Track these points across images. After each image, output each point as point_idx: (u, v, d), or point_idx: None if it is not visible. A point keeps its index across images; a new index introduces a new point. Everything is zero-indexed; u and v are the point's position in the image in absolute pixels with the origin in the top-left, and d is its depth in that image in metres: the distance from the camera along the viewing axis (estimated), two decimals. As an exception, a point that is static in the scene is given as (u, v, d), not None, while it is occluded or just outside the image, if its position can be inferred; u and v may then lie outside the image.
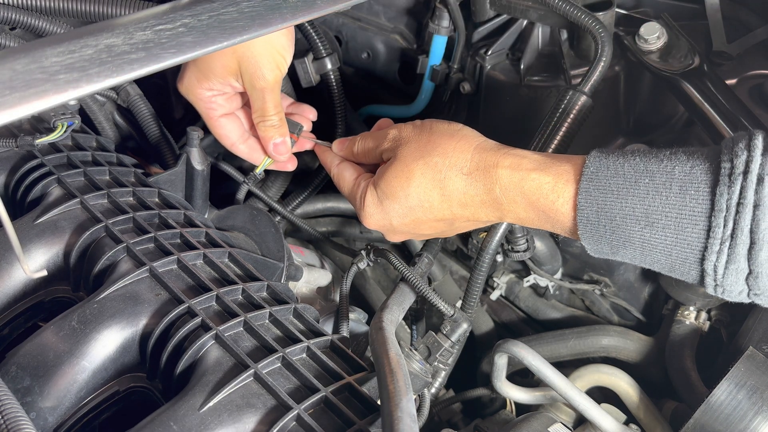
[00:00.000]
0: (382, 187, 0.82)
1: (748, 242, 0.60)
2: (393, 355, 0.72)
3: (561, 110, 0.96)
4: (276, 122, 0.93)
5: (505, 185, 0.73)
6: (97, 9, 0.96)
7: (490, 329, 1.33)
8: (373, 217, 0.84)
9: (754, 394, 0.87)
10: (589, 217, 0.68)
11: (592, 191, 0.67)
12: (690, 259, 0.64)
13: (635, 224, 0.65)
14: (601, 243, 0.69)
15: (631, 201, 0.65)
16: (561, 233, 0.74)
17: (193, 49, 0.57)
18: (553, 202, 0.70)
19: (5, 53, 0.52)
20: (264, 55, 0.88)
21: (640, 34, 1.02)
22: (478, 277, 0.97)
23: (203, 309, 0.77)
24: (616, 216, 0.66)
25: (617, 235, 0.67)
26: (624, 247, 0.67)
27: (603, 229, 0.67)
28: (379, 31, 1.29)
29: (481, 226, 0.82)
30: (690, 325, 1.11)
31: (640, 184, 0.65)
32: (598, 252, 0.71)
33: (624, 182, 0.66)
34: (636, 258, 0.68)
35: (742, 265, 0.60)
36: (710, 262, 0.62)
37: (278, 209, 1.19)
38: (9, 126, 0.96)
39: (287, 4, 0.64)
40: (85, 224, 0.85)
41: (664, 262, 0.66)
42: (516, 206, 0.74)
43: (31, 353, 0.72)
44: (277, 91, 0.91)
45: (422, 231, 0.84)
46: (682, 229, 0.63)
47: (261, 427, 0.67)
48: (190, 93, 0.94)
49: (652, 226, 0.64)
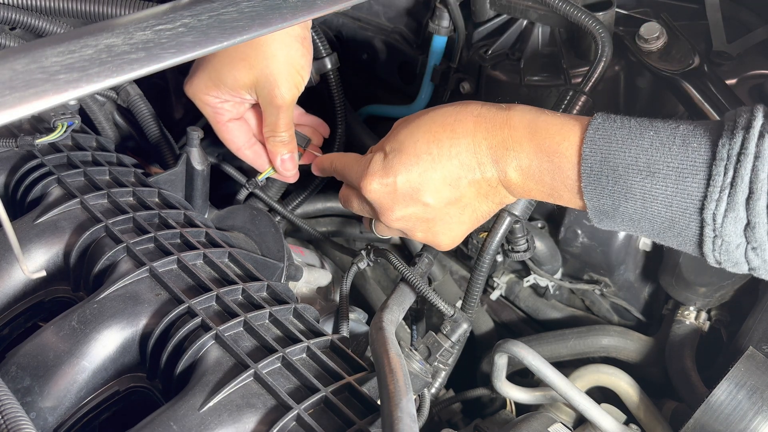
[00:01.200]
0: (390, 143, 0.79)
1: (747, 191, 0.61)
2: (393, 355, 0.72)
3: (561, 110, 0.96)
4: (286, 138, 0.93)
5: (515, 124, 0.73)
6: (97, 9, 0.96)
7: (490, 329, 1.33)
8: (375, 177, 0.78)
9: (754, 394, 0.87)
10: (593, 167, 0.68)
11: (597, 140, 0.68)
12: (690, 209, 0.64)
13: (637, 174, 0.66)
14: (603, 196, 0.69)
15: (634, 151, 0.66)
16: (561, 189, 0.72)
17: (193, 49, 0.57)
18: (559, 143, 0.70)
19: (5, 53, 0.52)
20: (283, 74, 0.87)
21: (640, 34, 1.02)
22: (478, 278, 0.97)
23: (203, 309, 0.77)
24: (619, 166, 0.67)
25: (619, 186, 0.67)
26: (626, 200, 0.68)
27: (606, 179, 0.68)
28: (379, 31, 1.29)
29: (484, 197, 0.77)
30: (690, 325, 1.11)
31: (644, 136, 0.67)
32: (599, 210, 0.70)
33: (629, 133, 0.67)
34: (637, 212, 0.68)
35: (740, 214, 0.62)
36: (709, 211, 0.63)
37: (278, 209, 1.19)
38: (9, 126, 0.96)
39: (287, 4, 0.64)
40: (85, 224, 0.85)
41: (665, 215, 0.66)
42: (521, 150, 0.72)
43: (31, 353, 0.72)
44: (291, 110, 0.91)
45: (425, 197, 0.77)
46: (683, 179, 0.64)
47: (261, 427, 0.67)
48: (196, 97, 0.94)
49: (654, 176, 0.65)
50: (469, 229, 0.82)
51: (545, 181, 0.72)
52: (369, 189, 0.79)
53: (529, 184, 0.73)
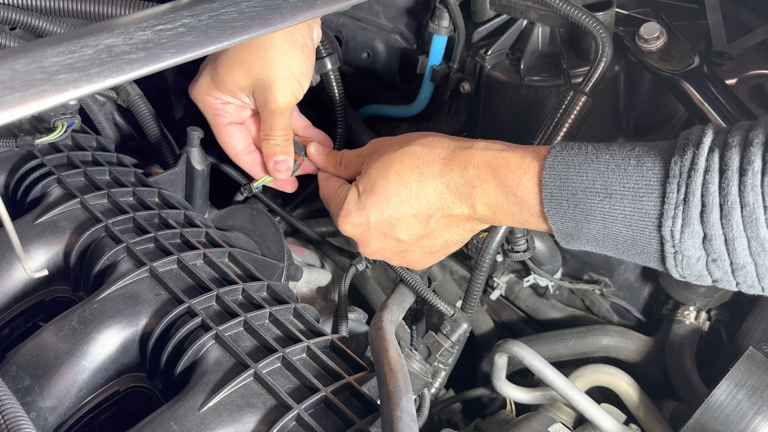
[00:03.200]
0: (363, 183, 0.82)
1: (699, 205, 0.63)
2: (393, 354, 0.72)
3: (562, 111, 0.96)
4: (280, 142, 0.93)
5: (478, 164, 0.75)
6: (97, 9, 0.96)
7: (490, 329, 1.33)
8: (350, 215, 0.83)
9: (754, 394, 0.87)
10: (552, 192, 0.70)
11: (556, 167, 0.70)
12: (648, 227, 0.66)
13: (595, 196, 0.68)
14: (566, 219, 0.71)
15: (591, 174, 0.69)
16: (528, 217, 0.74)
17: (193, 49, 0.57)
18: (520, 177, 0.73)
19: (5, 53, 0.52)
20: (279, 80, 0.88)
21: (640, 34, 1.02)
22: (478, 278, 0.97)
23: (203, 309, 0.77)
24: (578, 189, 0.69)
25: (579, 209, 0.69)
26: (587, 221, 0.70)
27: (566, 203, 0.70)
28: (379, 31, 1.29)
29: (455, 227, 0.81)
30: (690, 325, 1.11)
31: (600, 160, 0.69)
32: (564, 233, 0.73)
33: (585, 158, 0.70)
34: (600, 233, 0.70)
35: (696, 228, 0.63)
36: (667, 228, 0.65)
37: (278, 210, 1.19)
38: (9, 126, 0.96)
39: (287, 4, 0.64)
40: (85, 224, 0.85)
41: (626, 234, 0.68)
42: (487, 186, 0.75)
43: (31, 353, 0.72)
44: (287, 115, 0.91)
45: (397, 233, 0.81)
46: (639, 198, 0.66)
47: (261, 427, 0.67)
48: (199, 99, 0.94)
49: (611, 198, 0.67)
50: (443, 256, 0.87)
51: (513, 212, 0.75)
52: (344, 228, 0.84)
53: (498, 216, 0.77)
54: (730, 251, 0.62)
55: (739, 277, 0.64)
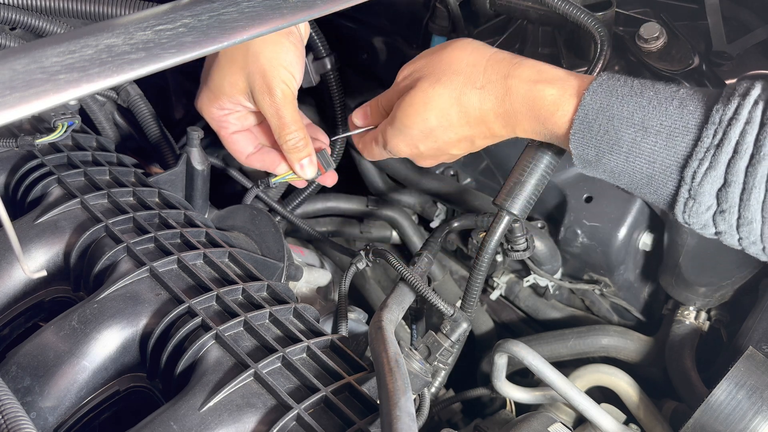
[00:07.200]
0: (399, 117, 0.83)
1: (731, 152, 0.64)
2: (392, 354, 0.72)
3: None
4: (295, 134, 0.90)
5: (514, 96, 0.76)
6: (97, 9, 0.96)
7: (490, 329, 1.33)
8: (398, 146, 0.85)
9: (754, 394, 0.87)
10: (587, 115, 0.71)
11: (600, 93, 0.71)
12: (672, 166, 0.68)
13: (630, 128, 0.69)
14: (589, 146, 0.72)
15: (632, 106, 0.70)
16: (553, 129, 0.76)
17: (193, 49, 0.57)
18: (552, 114, 0.74)
19: (5, 53, 0.52)
20: (268, 71, 0.87)
21: (640, 34, 1.02)
22: (477, 277, 0.97)
23: (203, 309, 0.77)
24: (615, 117, 0.70)
25: (609, 136, 0.71)
26: (610, 152, 0.71)
27: (596, 128, 0.71)
28: (379, 31, 1.29)
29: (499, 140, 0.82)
30: (690, 325, 1.11)
31: (644, 95, 0.70)
32: (583, 159, 0.73)
33: (630, 90, 0.71)
34: (618, 166, 0.71)
35: (719, 173, 0.65)
36: (691, 169, 0.66)
37: (278, 209, 1.19)
38: (9, 126, 0.96)
39: (287, 4, 0.64)
40: (85, 224, 0.85)
41: (646, 170, 0.69)
42: (523, 118, 0.76)
43: (31, 353, 0.73)
44: (288, 107, 0.89)
45: (450, 150, 0.84)
46: (673, 137, 0.67)
47: (261, 426, 0.68)
48: (203, 111, 0.94)
49: (646, 131, 0.69)
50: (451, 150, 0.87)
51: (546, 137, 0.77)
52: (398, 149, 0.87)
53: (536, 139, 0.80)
54: (742, 203, 0.64)
55: (743, 232, 0.65)
